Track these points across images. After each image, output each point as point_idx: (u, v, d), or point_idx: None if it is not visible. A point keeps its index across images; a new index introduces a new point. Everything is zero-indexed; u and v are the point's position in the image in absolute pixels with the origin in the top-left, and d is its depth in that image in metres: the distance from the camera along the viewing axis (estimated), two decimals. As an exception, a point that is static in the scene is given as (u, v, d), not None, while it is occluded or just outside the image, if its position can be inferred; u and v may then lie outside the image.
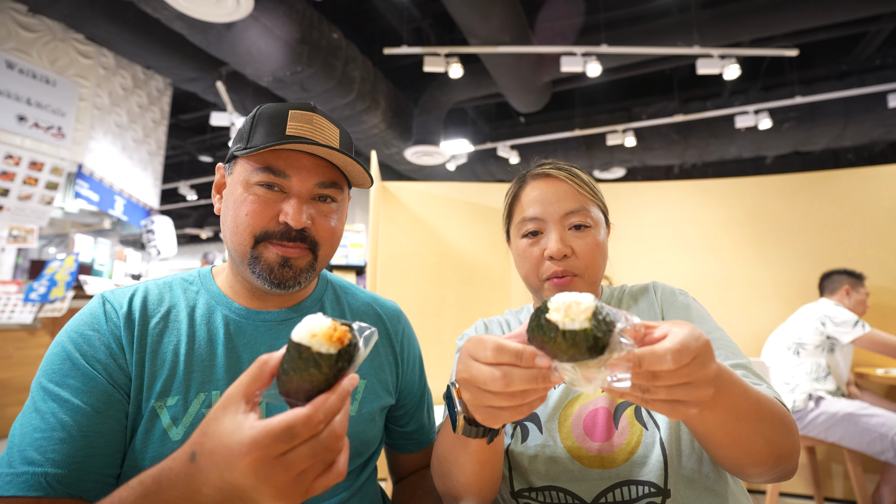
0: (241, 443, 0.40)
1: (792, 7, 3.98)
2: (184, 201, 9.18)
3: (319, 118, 0.73)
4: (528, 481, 0.73)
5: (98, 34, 4.16)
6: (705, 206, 3.01)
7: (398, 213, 3.02)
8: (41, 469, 0.56)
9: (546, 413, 0.76)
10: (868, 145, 6.69)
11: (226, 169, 0.76)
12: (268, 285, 0.70)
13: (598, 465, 0.70)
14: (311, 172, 0.71)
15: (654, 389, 0.43)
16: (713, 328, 0.77)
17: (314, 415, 0.40)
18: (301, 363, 0.42)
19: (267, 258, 0.69)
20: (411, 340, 0.92)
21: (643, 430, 0.71)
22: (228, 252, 0.74)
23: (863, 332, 2.19)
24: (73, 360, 0.63)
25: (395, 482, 0.95)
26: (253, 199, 0.69)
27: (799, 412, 2.20)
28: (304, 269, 0.72)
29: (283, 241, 0.69)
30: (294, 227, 0.69)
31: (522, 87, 4.99)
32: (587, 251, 0.78)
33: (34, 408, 0.60)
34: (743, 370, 0.70)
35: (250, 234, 0.69)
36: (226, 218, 0.72)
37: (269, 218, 0.69)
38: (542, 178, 0.84)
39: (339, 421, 0.43)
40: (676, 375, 0.42)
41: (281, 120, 0.70)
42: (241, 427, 0.41)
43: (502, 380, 0.45)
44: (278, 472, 0.40)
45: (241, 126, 0.74)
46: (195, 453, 0.43)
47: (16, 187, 3.81)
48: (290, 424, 0.40)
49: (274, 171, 0.69)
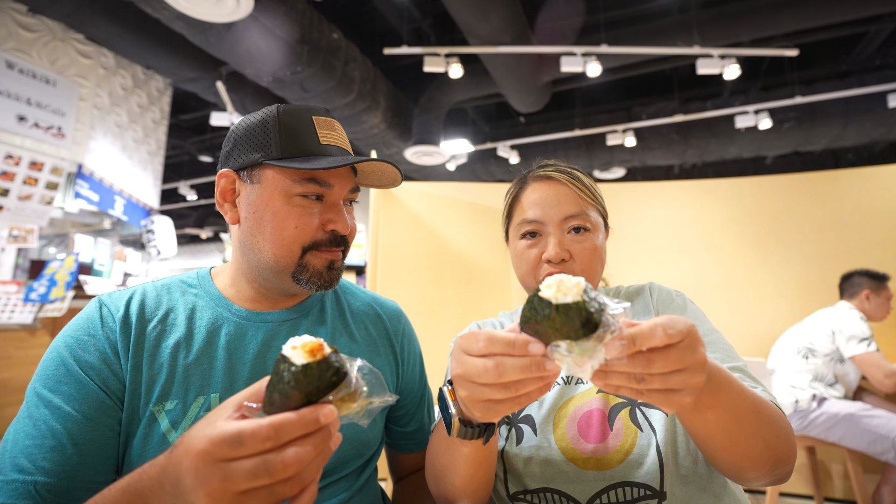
0: (197, 437, 0.40)
1: (792, 7, 3.98)
2: (184, 201, 9.18)
3: (337, 124, 0.76)
4: (523, 483, 0.73)
5: (98, 34, 4.16)
6: (705, 206, 3.01)
7: (398, 213, 3.02)
8: (31, 477, 0.56)
9: (541, 415, 0.76)
10: (868, 145, 6.69)
11: (242, 176, 0.72)
12: (314, 289, 0.73)
13: (593, 466, 0.70)
14: (347, 179, 0.74)
15: (648, 379, 0.43)
16: (709, 330, 0.77)
17: (262, 428, 0.38)
18: (276, 374, 0.42)
19: (315, 265, 0.72)
20: (411, 340, 0.92)
21: (638, 432, 0.71)
22: (262, 262, 0.71)
23: (864, 350, 2.12)
24: (66, 366, 0.63)
25: (396, 482, 0.94)
26: (299, 212, 0.70)
27: (801, 412, 2.20)
28: (342, 269, 0.76)
29: (331, 247, 0.72)
30: (343, 233, 0.73)
31: (522, 87, 4.99)
32: (585, 255, 0.78)
33: (28, 413, 0.60)
34: (739, 373, 0.70)
35: (299, 245, 0.70)
36: (261, 230, 0.70)
37: (315, 228, 0.71)
38: (543, 179, 0.84)
39: (294, 453, 0.38)
40: (669, 360, 0.42)
41: (309, 127, 0.71)
42: (212, 425, 0.41)
43: (495, 370, 0.44)
44: (214, 476, 0.38)
45: (253, 131, 0.71)
46: (174, 447, 0.44)
47: (16, 187, 3.81)
48: (238, 431, 0.38)
49: (319, 181, 0.70)
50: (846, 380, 2.24)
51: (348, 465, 0.74)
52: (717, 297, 2.88)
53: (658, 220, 3.03)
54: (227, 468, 0.38)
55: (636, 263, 2.99)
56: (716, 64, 4.06)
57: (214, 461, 0.38)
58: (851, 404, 2.11)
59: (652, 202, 3.06)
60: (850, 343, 2.17)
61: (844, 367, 2.23)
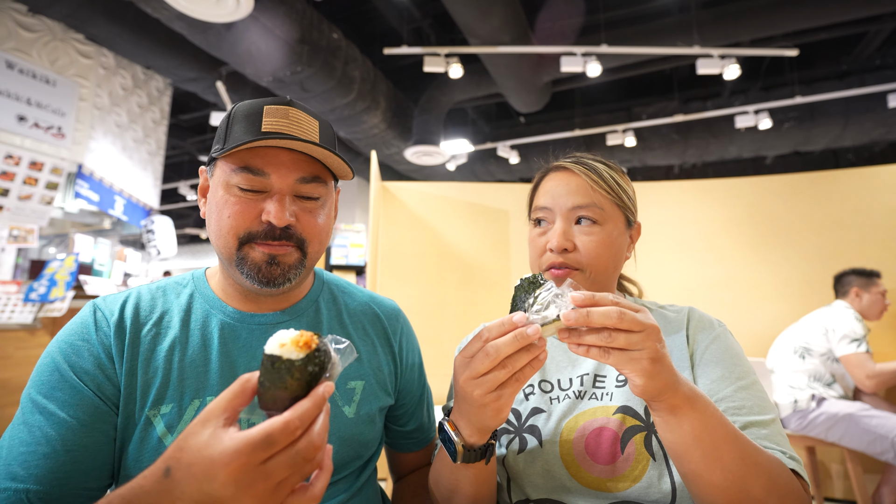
0: (223, 452, 0.40)
1: (792, 7, 3.98)
2: (184, 201, 9.18)
3: (296, 111, 0.70)
4: (525, 493, 0.73)
5: (98, 34, 4.16)
6: (705, 206, 3.01)
7: (398, 213, 3.02)
8: (23, 485, 0.56)
9: (548, 427, 0.75)
10: (868, 145, 6.69)
11: (207, 172, 0.74)
12: (257, 284, 0.68)
13: (597, 487, 0.69)
14: (291, 168, 0.68)
15: (615, 334, 0.50)
16: (745, 372, 0.71)
17: (291, 421, 0.41)
18: (274, 373, 0.44)
19: (253, 258, 0.68)
20: (410, 339, 0.91)
21: (650, 461, 0.68)
22: (218, 255, 0.72)
23: (854, 351, 2.12)
24: (61, 372, 0.62)
25: (396, 481, 0.94)
26: (234, 201, 0.67)
27: (801, 412, 2.20)
28: (292, 266, 0.70)
29: (267, 240, 0.68)
30: (277, 225, 0.67)
31: (522, 87, 4.99)
32: (591, 247, 0.77)
33: (23, 420, 0.60)
34: (762, 428, 0.64)
35: (234, 236, 0.67)
36: (210, 221, 0.70)
37: (251, 218, 0.67)
38: (559, 170, 0.84)
39: (318, 432, 0.43)
40: (631, 321, 0.50)
41: (256, 117, 0.68)
42: (221, 439, 0.41)
43: (493, 353, 0.53)
44: (258, 480, 0.41)
45: (219, 128, 0.72)
46: (170, 468, 0.43)
47: (16, 187, 3.81)
48: (268, 432, 0.41)
49: (252, 169, 0.67)
50: (845, 379, 2.24)
51: (348, 465, 0.74)
52: (718, 297, 2.88)
53: (658, 220, 3.03)
54: (265, 469, 0.41)
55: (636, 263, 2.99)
56: (716, 64, 4.06)
57: (253, 467, 0.41)
58: (851, 404, 2.11)
59: (652, 202, 3.06)
60: (841, 343, 2.18)
61: (842, 367, 2.23)
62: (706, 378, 0.71)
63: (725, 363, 0.72)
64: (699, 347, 0.75)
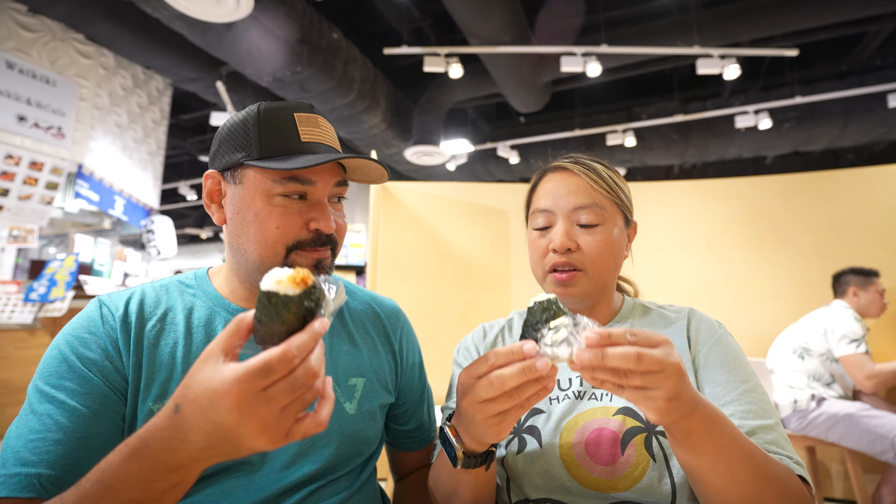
0: (224, 381, 0.42)
1: (792, 7, 3.98)
2: (184, 201, 9.19)
3: (322, 119, 0.73)
4: (524, 493, 0.73)
5: (98, 34, 4.16)
6: (705, 206, 3.01)
7: (398, 213, 3.02)
8: (34, 470, 0.56)
9: (548, 428, 0.74)
10: (868, 145, 6.69)
11: (227, 177, 0.72)
12: None
13: (596, 487, 0.69)
14: (331, 175, 0.71)
15: (630, 375, 0.48)
16: (747, 375, 0.72)
17: (288, 350, 0.43)
18: (271, 308, 0.45)
19: (301, 265, 0.69)
20: (410, 339, 0.91)
21: (650, 462, 0.67)
22: (249, 262, 0.71)
23: (853, 351, 2.12)
24: (69, 363, 0.63)
25: (397, 481, 0.95)
26: (281, 211, 0.68)
27: (801, 412, 2.20)
28: (329, 267, 0.74)
29: (315, 247, 0.70)
30: (326, 233, 0.70)
31: (522, 87, 4.99)
32: (594, 247, 0.77)
33: (31, 409, 0.60)
34: (769, 433, 0.65)
35: (283, 245, 0.68)
36: (245, 230, 0.69)
37: (299, 227, 0.69)
38: (558, 170, 0.83)
39: (315, 359, 0.45)
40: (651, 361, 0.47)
41: (290, 126, 0.69)
42: (221, 371, 0.43)
43: (497, 383, 0.51)
44: (260, 406, 0.42)
45: (235, 131, 0.70)
46: (179, 404, 0.45)
47: (16, 187, 3.81)
48: (266, 360, 0.42)
49: (300, 179, 0.68)
50: (844, 379, 2.24)
51: (348, 463, 0.74)
52: (718, 298, 2.88)
53: (658, 220, 3.03)
54: (266, 395, 0.43)
55: (636, 263, 2.99)
56: (716, 64, 4.06)
57: (254, 393, 0.42)
58: (851, 404, 2.11)
59: (652, 202, 3.06)
60: (840, 343, 2.17)
61: (841, 367, 2.23)
62: (711, 382, 0.71)
63: (729, 367, 0.72)
64: (701, 350, 0.75)
